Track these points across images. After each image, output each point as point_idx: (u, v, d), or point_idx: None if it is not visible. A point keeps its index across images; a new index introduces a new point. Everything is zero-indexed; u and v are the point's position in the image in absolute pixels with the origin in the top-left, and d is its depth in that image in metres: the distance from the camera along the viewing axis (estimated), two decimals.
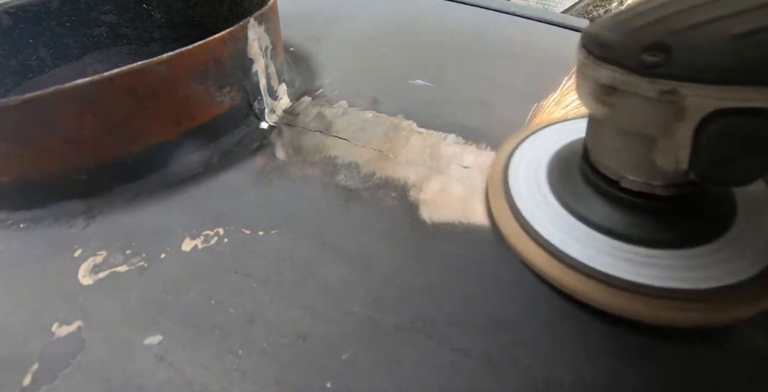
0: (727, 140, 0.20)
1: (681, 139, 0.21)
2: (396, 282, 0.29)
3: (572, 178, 0.30)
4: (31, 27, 0.50)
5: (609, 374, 0.24)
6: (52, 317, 0.28)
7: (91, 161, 0.35)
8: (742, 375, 0.24)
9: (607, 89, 0.23)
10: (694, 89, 0.20)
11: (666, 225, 0.26)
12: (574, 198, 0.29)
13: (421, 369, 0.24)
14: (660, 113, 0.21)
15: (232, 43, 0.37)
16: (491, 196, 0.32)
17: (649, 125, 0.22)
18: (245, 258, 0.31)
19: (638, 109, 0.22)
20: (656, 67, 0.20)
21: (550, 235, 0.27)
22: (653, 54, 0.20)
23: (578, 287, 0.25)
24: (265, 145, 0.41)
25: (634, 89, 0.21)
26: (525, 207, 0.30)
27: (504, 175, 0.33)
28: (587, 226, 0.27)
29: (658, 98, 0.21)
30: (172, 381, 0.24)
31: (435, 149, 0.39)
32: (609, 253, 0.26)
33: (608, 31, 0.22)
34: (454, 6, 0.69)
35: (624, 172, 0.26)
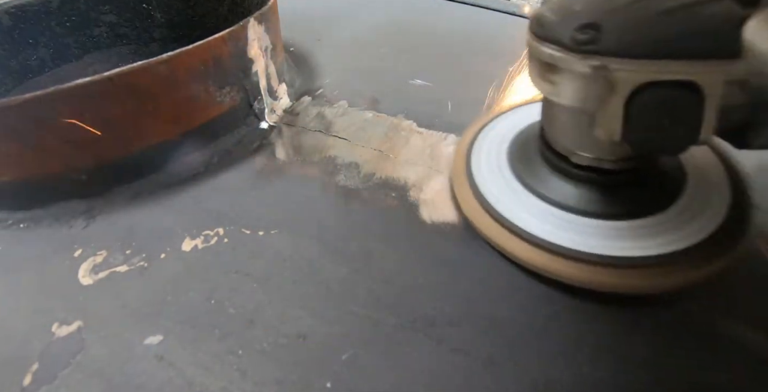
0: (655, 111, 0.21)
1: (613, 112, 0.22)
2: (396, 282, 0.29)
3: (531, 158, 0.31)
4: (31, 27, 0.50)
5: (609, 374, 0.24)
6: (52, 317, 0.28)
7: (91, 161, 0.35)
8: (741, 374, 0.24)
9: (549, 67, 0.24)
10: (622, 64, 0.21)
11: (617, 198, 0.28)
12: (533, 177, 0.30)
13: (421, 369, 0.24)
14: (594, 88, 0.23)
15: (232, 43, 0.37)
16: (454, 180, 0.33)
17: (587, 100, 0.23)
18: (245, 258, 0.31)
19: (576, 85, 0.23)
20: (587, 44, 0.22)
21: (510, 213, 0.29)
22: (585, 32, 0.22)
23: (537, 261, 0.27)
24: (265, 145, 0.41)
25: (570, 66, 0.23)
26: (486, 188, 0.31)
27: (467, 158, 0.34)
28: (545, 203, 0.29)
29: (592, 74, 0.22)
30: (172, 381, 0.24)
31: (435, 149, 0.39)
32: (565, 227, 0.27)
33: (549, 13, 0.24)
34: (454, 6, 0.69)
35: (574, 148, 0.27)
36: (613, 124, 0.23)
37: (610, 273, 0.25)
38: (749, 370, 0.24)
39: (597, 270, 0.26)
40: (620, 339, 0.25)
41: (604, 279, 0.25)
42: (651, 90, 0.21)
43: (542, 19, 0.24)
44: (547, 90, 0.26)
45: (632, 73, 0.21)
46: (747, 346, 0.25)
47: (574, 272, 0.26)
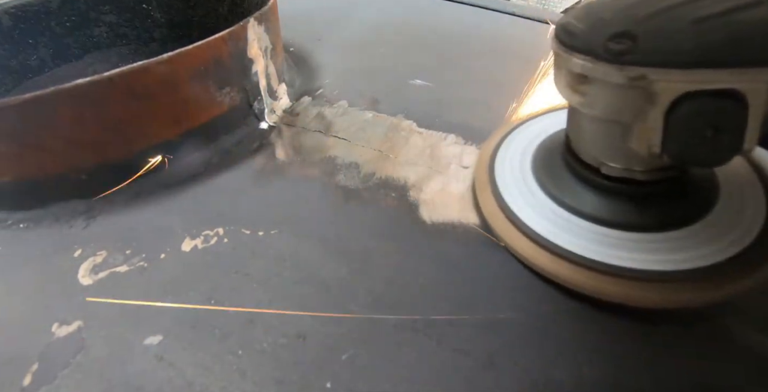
0: (696, 121, 0.21)
1: (652, 123, 0.22)
2: (396, 282, 0.29)
3: (556, 168, 0.30)
4: (31, 27, 0.50)
5: (609, 374, 0.24)
6: (52, 317, 0.28)
7: (91, 161, 0.35)
8: (742, 374, 0.24)
9: (580, 78, 0.23)
10: (662, 74, 0.20)
11: (647, 210, 0.27)
12: (558, 187, 0.29)
13: (421, 369, 0.24)
14: (630, 99, 0.22)
15: (232, 43, 0.37)
16: (478, 190, 0.33)
17: (622, 111, 0.23)
18: (245, 258, 0.31)
19: (610, 96, 0.23)
20: (623, 55, 0.21)
21: (536, 224, 0.28)
22: (620, 42, 0.21)
23: (564, 274, 0.26)
24: (265, 145, 0.41)
25: (604, 77, 0.22)
26: (510, 198, 0.30)
27: (490, 167, 0.33)
28: (571, 214, 0.28)
29: (628, 84, 0.21)
30: (172, 381, 0.24)
31: (435, 149, 0.39)
32: (593, 239, 0.26)
33: (577, 21, 0.23)
34: (454, 6, 0.69)
35: (603, 159, 0.26)
36: (653, 135, 0.22)
37: (624, 285, 0.25)
38: (750, 370, 0.24)
39: (614, 281, 0.25)
40: (620, 339, 0.25)
41: (616, 290, 0.25)
42: (693, 100, 0.20)
43: (570, 28, 0.23)
44: (578, 101, 0.25)
45: (672, 83, 0.20)
46: (748, 346, 0.25)
47: (597, 284, 0.25)
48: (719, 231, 0.26)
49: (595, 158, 0.27)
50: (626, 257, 0.25)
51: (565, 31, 0.24)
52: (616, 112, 0.23)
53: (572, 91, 0.25)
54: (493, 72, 0.51)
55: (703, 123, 0.21)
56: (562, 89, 0.26)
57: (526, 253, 0.28)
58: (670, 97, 0.21)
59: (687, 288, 0.24)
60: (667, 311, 0.26)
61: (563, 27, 0.24)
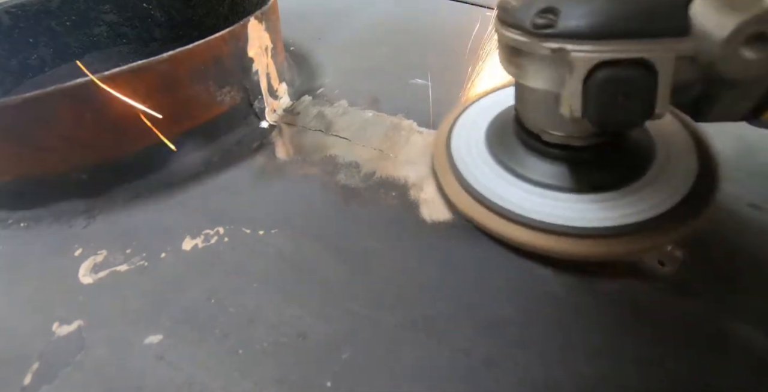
0: (610, 88, 0.23)
1: (573, 90, 0.23)
2: (396, 281, 0.29)
3: (507, 138, 0.33)
4: (31, 27, 0.50)
5: (609, 374, 0.24)
6: (53, 316, 0.28)
7: (91, 161, 0.35)
8: (741, 373, 0.24)
9: (514, 51, 0.26)
10: (578, 45, 0.22)
11: (587, 173, 0.29)
12: (508, 156, 0.32)
13: (421, 369, 0.24)
14: (555, 70, 0.24)
15: (232, 42, 0.37)
16: (435, 161, 0.35)
17: (549, 81, 0.25)
18: (245, 258, 0.31)
19: (539, 67, 0.25)
20: (546, 28, 0.23)
21: (488, 191, 0.30)
22: (544, 16, 0.23)
23: (513, 234, 0.29)
24: (265, 145, 0.41)
25: (532, 49, 0.24)
26: (465, 168, 0.32)
27: (447, 140, 0.35)
28: (520, 180, 0.30)
29: (551, 56, 0.24)
30: (172, 380, 0.24)
31: None
32: (538, 202, 0.29)
33: (514, 0, 0.25)
34: (454, 6, 0.68)
35: (544, 127, 0.29)
36: (574, 102, 0.24)
37: (575, 243, 0.27)
38: (751, 370, 0.24)
39: (563, 240, 0.27)
40: (620, 339, 0.25)
41: (569, 248, 0.27)
42: (606, 69, 0.22)
43: (506, 5, 0.26)
44: (515, 73, 0.27)
45: (588, 53, 0.22)
46: (749, 346, 0.25)
47: (545, 243, 0.28)
48: (650, 191, 0.28)
49: (537, 126, 0.29)
50: (563, 216, 0.28)
51: (502, 8, 0.26)
52: (545, 82, 0.25)
53: (510, 64, 0.27)
54: (493, 71, 0.51)
55: (615, 89, 0.22)
56: (502, 63, 0.28)
57: (477, 217, 0.30)
58: (586, 66, 0.23)
59: (613, 243, 0.27)
60: (667, 311, 0.26)
61: (501, 5, 0.26)
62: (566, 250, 0.27)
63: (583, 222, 0.27)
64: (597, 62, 0.22)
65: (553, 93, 0.25)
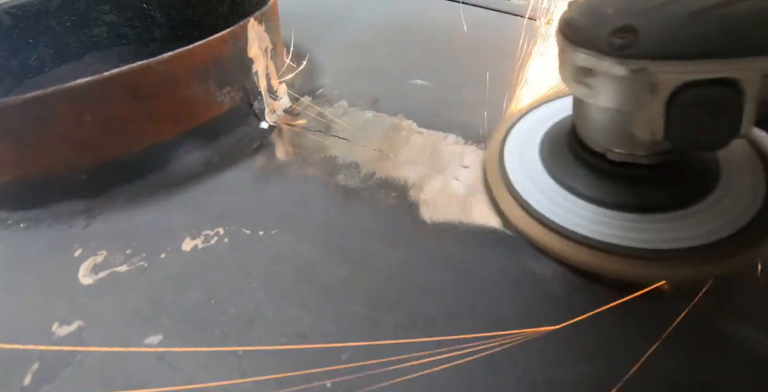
0: (696, 109, 0.22)
1: (654, 112, 0.23)
2: (396, 282, 0.29)
3: (562, 155, 0.31)
4: (31, 27, 0.50)
5: (609, 374, 0.24)
6: (52, 317, 0.28)
7: (91, 161, 0.35)
8: (741, 373, 0.24)
9: (584, 71, 0.25)
10: (661, 66, 0.22)
11: (650, 192, 0.28)
12: (567, 174, 0.31)
13: (421, 369, 0.24)
14: (633, 89, 0.23)
15: (232, 43, 0.37)
16: (490, 180, 0.34)
17: (625, 101, 0.24)
18: (245, 258, 0.31)
19: (613, 87, 0.24)
20: (625, 48, 0.22)
21: (546, 210, 0.29)
22: (621, 36, 0.22)
23: (577, 256, 0.28)
24: (265, 145, 0.41)
25: (608, 70, 0.23)
26: (521, 186, 0.31)
27: (500, 157, 0.34)
28: (580, 198, 0.29)
29: (630, 76, 0.22)
30: (172, 380, 0.24)
31: (435, 149, 0.39)
32: (601, 222, 0.28)
33: (580, 17, 0.24)
34: (454, 6, 0.69)
35: (608, 145, 0.28)
36: (655, 123, 0.23)
37: (622, 262, 0.26)
38: (751, 370, 0.24)
39: (615, 259, 0.27)
40: (620, 339, 0.25)
41: (616, 267, 0.27)
42: (692, 89, 0.21)
43: (573, 22, 0.24)
44: (583, 92, 0.26)
45: (672, 73, 0.22)
46: (749, 346, 0.25)
47: (598, 262, 0.27)
48: (717, 212, 0.27)
49: (601, 145, 0.28)
50: (627, 237, 0.27)
51: (568, 25, 0.25)
52: (619, 102, 0.24)
53: (577, 83, 0.26)
54: (493, 71, 0.51)
55: (701, 110, 0.22)
56: (567, 81, 0.27)
57: (540, 238, 0.29)
58: (670, 86, 0.22)
59: (676, 266, 0.26)
60: (668, 311, 0.26)
61: (567, 22, 0.25)
62: (627, 272, 0.26)
63: (640, 242, 0.26)
64: (682, 83, 0.21)
65: (625, 113, 0.24)
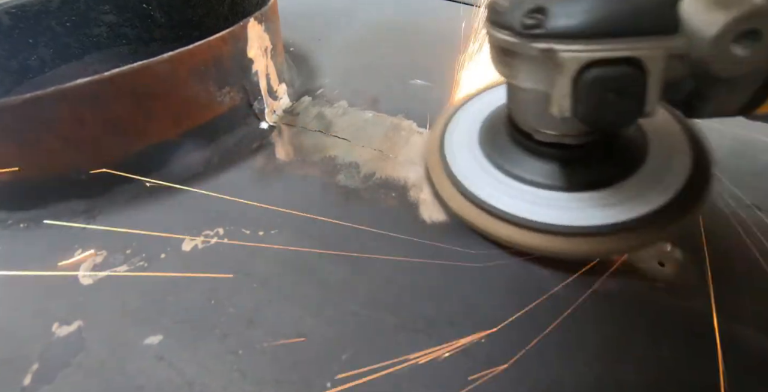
0: (600, 87, 0.22)
1: (562, 90, 0.23)
2: (396, 282, 0.29)
3: (500, 137, 0.32)
4: (31, 27, 0.50)
5: (609, 374, 0.24)
6: (52, 317, 0.28)
7: (91, 161, 0.35)
8: (740, 373, 0.24)
9: (505, 52, 0.26)
10: (567, 45, 0.22)
11: (577, 171, 0.29)
12: (501, 155, 0.31)
13: (421, 369, 0.24)
14: (545, 69, 0.24)
15: (232, 43, 0.37)
16: (430, 165, 0.34)
17: (540, 80, 0.25)
18: (245, 258, 0.31)
19: (529, 68, 0.25)
20: (534, 28, 0.23)
21: (480, 190, 0.30)
22: (532, 17, 0.23)
23: (502, 232, 0.28)
24: (265, 145, 0.41)
25: (522, 50, 0.24)
26: (458, 168, 0.32)
27: (440, 141, 0.35)
28: (514, 180, 0.30)
29: (541, 56, 0.23)
30: (172, 381, 0.24)
31: None
32: (529, 201, 0.29)
33: (503, 0, 0.25)
34: (454, 6, 0.69)
35: (536, 126, 0.29)
36: (564, 101, 0.24)
37: (567, 241, 0.27)
38: (749, 370, 0.24)
39: (555, 239, 0.27)
40: (620, 339, 0.25)
41: (561, 247, 0.27)
42: (595, 68, 0.22)
43: (495, 6, 0.25)
44: (506, 73, 0.27)
45: (576, 53, 0.22)
46: (748, 346, 0.25)
47: (539, 242, 0.28)
48: (641, 188, 0.28)
49: (529, 126, 0.29)
50: (554, 215, 0.28)
51: (492, 8, 0.26)
52: (535, 82, 0.25)
53: (501, 64, 0.27)
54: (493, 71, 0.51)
55: (605, 88, 0.22)
56: (494, 63, 0.28)
57: (472, 218, 0.30)
58: (575, 65, 0.22)
59: (606, 241, 0.27)
60: (667, 311, 0.26)
61: (491, 6, 0.26)
62: (558, 249, 0.27)
63: (575, 220, 0.27)
64: (586, 62, 0.22)
65: (543, 92, 0.25)
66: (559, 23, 0.22)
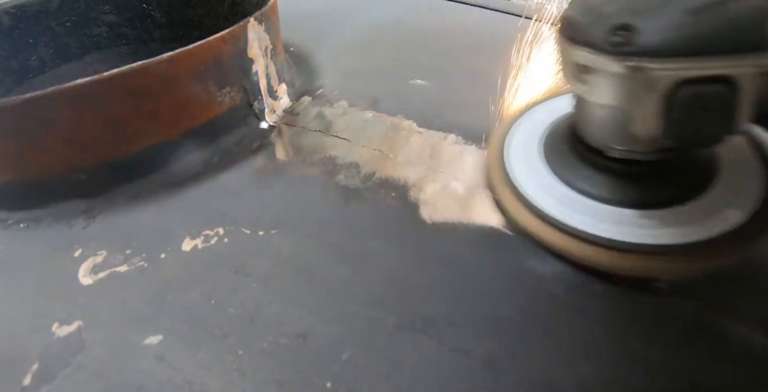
0: (693, 106, 0.22)
1: (652, 108, 0.23)
2: (396, 282, 0.29)
3: (564, 152, 0.32)
4: (31, 27, 0.50)
5: (609, 374, 0.24)
6: (52, 317, 0.28)
7: (91, 161, 0.35)
8: (740, 373, 0.24)
9: (583, 68, 0.25)
10: (659, 63, 0.22)
11: (650, 189, 0.29)
12: (568, 171, 0.31)
13: (421, 369, 0.24)
14: (631, 87, 0.23)
15: (232, 43, 0.37)
16: (492, 178, 0.34)
17: (623, 98, 0.24)
18: (245, 258, 0.31)
19: (612, 85, 0.24)
20: (623, 46, 0.22)
21: (548, 207, 0.29)
22: (619, 34, 0.22)
23: (576, 250, 0.28)
24: (265, 145, 0.41)
25: (606, 67, 0.24)
26: (523, 184, 0.31)
27: (501, 155, 0.34)
28: (581, 195, 0.30)
29: (628, 73, 0.23)
30: (172, 381, 0.24)
31: (435, 149, 0.39)
32: (600, 218, 0.28)
33: (579, 15, 0.25)
34: (454, 6, 0.69)
35: (608, 142, 0.28)
36: (653, 120, 0.23)
37: (629, 259, 0.27)
38: (751, 370, 0.24)
39: (623, 256, 0.27)
40: (620, 339, 0.25)
41: (609, 260, 0.27)
42: (689, 86, 0.22)
43: (572, 21, 0.25)
44: (582, 90, 0.26)
45: (669, 71, 0.22)
46: (749, 346, 0.25)
47: (608, 258, 0.27)
48: (713, 208, 0.27)
49: (600, 142, 0.29)
50: (625, 232, 0.27)
51: (568, 24, 0.25)
52: (617, 99, 0.24)
53: (576, 81, 0.26)
54: (493, 71, 0.51)
55: (698, 107, 0.22)
56: (567, 79, 0.27)
57: (542, 235, 0.29)
58: (667, 84, 0.22)
59: (674, 260, 0.26)
60: (667, 310, 0.26)
61: (566, 20, 0.25)
62: (628, 266, 0.27)
63: (640, 237, 0.27)
64: (679, 80, 0.22)
65: (623, 110, 0.25)
66: (650, 40, 0.22)
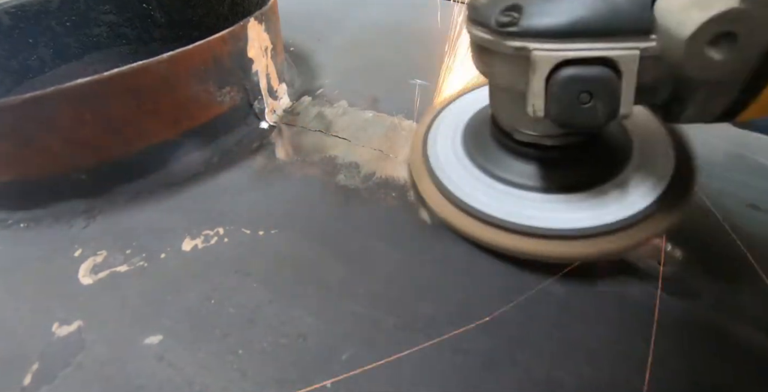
0: (572, 87, 0.22)
1: (535, 89, 0.23)
2: (396, 282, 0.29)
3: (483, 137, 0.32)
4: (31, 27, 0.50)
5: (609, 374, 0.24)
6: (52, 317, 0.28)
7: (91, 161, 0.35)
8: (741, 373, 0.24)
9: (483, 50, 0.25)
10: (540, 44, 0.22)
11: (558, 173, 0.29)
12: (484, 155, 0.31)
13: (421, 369, 0.24)
14: (518, 68, 0.24)
15: (232, 42, 0.37)
16: (412, 164, 0.34)
17: (515, 80, 0.24)
18: (245, 258, 0.31)
19: (504, 66, 0.25)
20: (508, 26, 0.23)
21: (460, 191, 0.30)
22: (507, 14, 0.23)
23: (476, 232, 0.28)
24: (265, 145, 0.41)
25: (497, 48, 0.24)
26: (439, 168, 0.32)
27: (423, 146, 0.34)
28: (492, 179, 0.30)
29: (515, 54, 0.23)
30: (172, 380, 0.24)
31: None
32: (510, 202, 0.28)
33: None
34: (454, 6, 0.69)
35: (516, 126, 0.28)
36: (537, 101, 0.23)
37: (545, 244, 0.27)
38: (751, 370, 0.24)
39: (533, 241, 0.27)
40: (620, 339, 0.25)
41: (540, 249, 0.27)
42: (568, 68, 0.22)
43: (474, 3, 0.25)
44: (484, 71, 0.27)
45: (550, 52, 0.22)
46: (748, 346, 0.25)
47: (514, 244, 0.27)
48: (625, 190, 0.28)
49: (509, 125, 0.29)
50: (536, 217, 0.27)
51: (471, 6, 0.26)
52: (512, 81, 0.25)
53: (479, 62, 0.27)
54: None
55: (578, 88, 0.22)
56: (474, 61, 0.28)
57: (448, 217, 0.30)
58: (548, 65, 0.22)
59: (580, 245, 0.26)
60: (668, 311, 0.26)
61: (470, 3, 0.26)
62: (539, 251, 0.27)
63: (555, 222, 0.27)
64: (558, 61, 0.22)
65: (520, 91, 0.25)
66: (533, 21, 0.22)
